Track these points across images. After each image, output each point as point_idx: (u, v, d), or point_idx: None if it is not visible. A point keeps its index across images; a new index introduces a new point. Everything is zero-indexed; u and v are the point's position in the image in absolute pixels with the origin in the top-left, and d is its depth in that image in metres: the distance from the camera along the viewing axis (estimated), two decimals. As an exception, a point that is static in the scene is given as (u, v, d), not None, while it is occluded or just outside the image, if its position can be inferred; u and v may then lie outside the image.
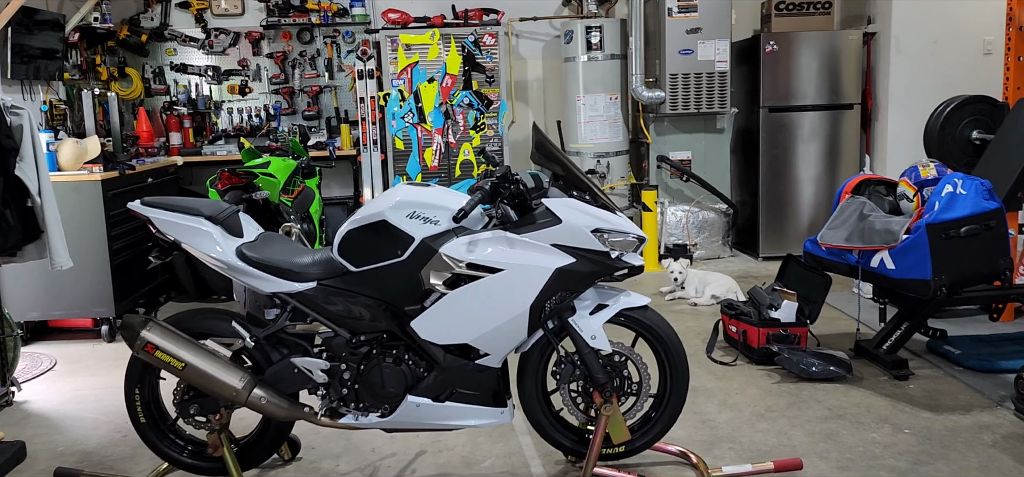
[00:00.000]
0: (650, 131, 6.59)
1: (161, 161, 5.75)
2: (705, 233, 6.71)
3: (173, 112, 6.49)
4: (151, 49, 6.66)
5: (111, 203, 4.84)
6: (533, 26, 6.95)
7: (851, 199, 4.03)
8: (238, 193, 4.57)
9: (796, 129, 6.49)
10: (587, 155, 6.60)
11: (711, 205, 6.68)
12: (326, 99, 6.86)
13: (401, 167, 6.51)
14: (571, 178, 2.81)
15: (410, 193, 2.71)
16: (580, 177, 2.82)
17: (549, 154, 2.88)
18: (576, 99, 6.57)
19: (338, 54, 6.80)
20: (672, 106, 6.38)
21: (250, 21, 6.71)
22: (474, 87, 6.47)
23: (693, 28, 6.30)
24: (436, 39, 6.40)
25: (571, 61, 6.58)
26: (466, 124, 6.50)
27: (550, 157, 2.88)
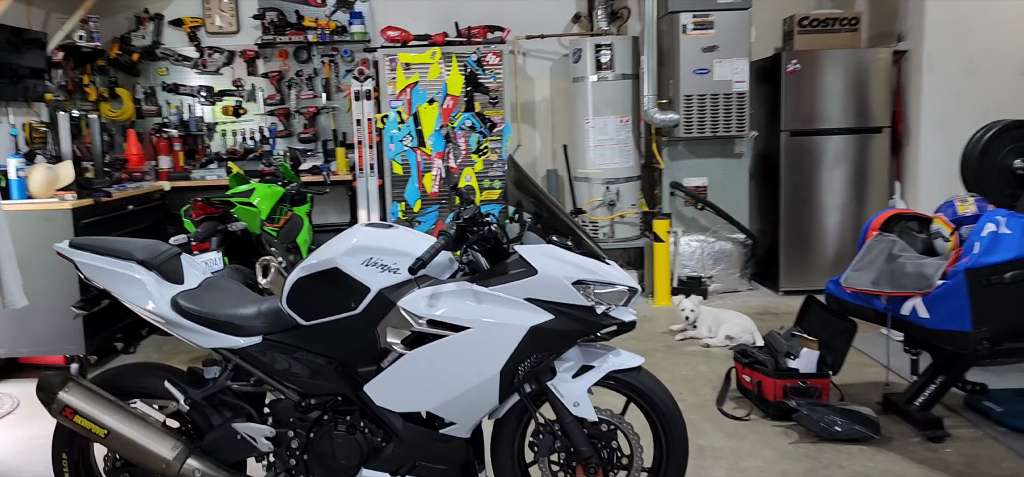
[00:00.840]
0: (663, 156, 6.21)
1: (145, 187, 5.47)
2: (721, 265, 6.30)
3: (163, 134, 6.23)
4: (143, 69, 6.42)
5: (83, 233, 4.55)
6: (540, 44, 6.62)
7: (879, 237, 3.62)
8: (213, 224, 4.26)
9: (820, 154, 6.07)
10: (596, 181, 6.23)
11: (728, 235, 6.27)
12: (323, 121, 6.56)
13: (399, 193, 6.18)
14: (552, 220, 2.44)
15: (367, 237, 2.36)
16: (562, 219, 2.46)
17: (528, 192, 2.52)
18: (584, 121, 6.21)
19: (336, 74, 6.51)
20: (687, 129, 6.00)
21: (245, 39, 6.45)
22: (477, 109, 6.13)
23: (709, 46, 5.92)
24: (437, 58, 6.08)
25: (580, 81, 6.23)
26: (468, 148, 6.16)
27: (529, 195, 2.51)
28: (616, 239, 6.30)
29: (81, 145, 5.48)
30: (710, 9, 5.88)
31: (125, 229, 5.03)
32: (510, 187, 2.63)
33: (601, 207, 6.25)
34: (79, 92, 6.02)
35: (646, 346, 5.04)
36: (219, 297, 2.48)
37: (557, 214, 2.47)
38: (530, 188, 2.55)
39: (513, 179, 2.62)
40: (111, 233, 4.88)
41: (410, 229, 2.50)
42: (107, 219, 4.82)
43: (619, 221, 6.27)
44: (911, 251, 3.49)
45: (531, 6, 6.55)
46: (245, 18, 6.44)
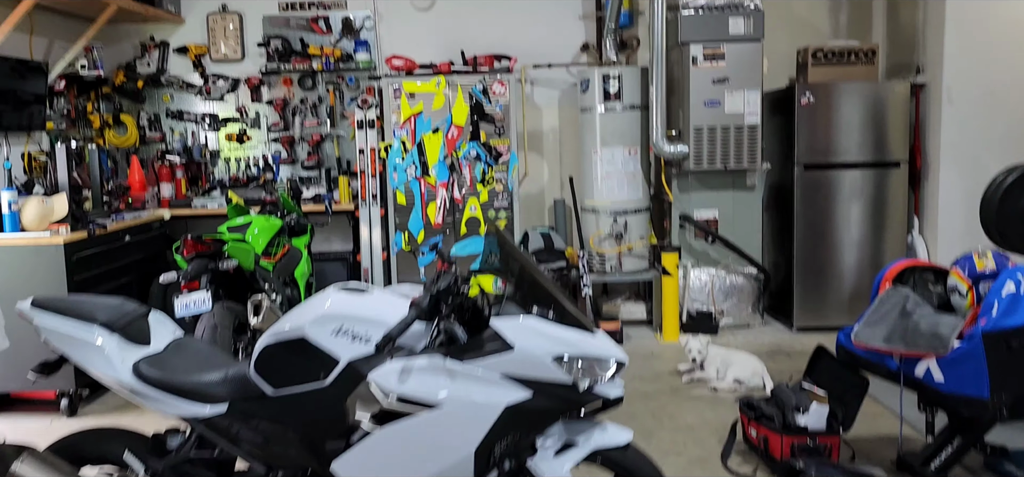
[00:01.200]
0: (672, 188, 6.05)
1: (144, 216, 5.40)
2: (732, 299, 6.12)
3: (165, 161, 6.17)
4: (147, 95, 6.37)
5: (76, 267, 4.48)
6: (549, 73, 6.49)
7: (892, 290, 3.44)
8: (203, 262, 4.16)
9: (836, 188, 5.88)
10: (604, 212, 6.08)
11: (740, 269, 6.09)
12: (328, 148, 6.48)
13: (402, 222, 6.07)
14: (533, 289, 2.30)
15: (338, 304, 2.24)
16: (545, 287, 2.31)
17: (506, 256, 2.38)
18: (592, 152, 6.07)
19: (341, 102, 6.42)
20: (696, 162, 5.84)
21: (250, 67, 6.38)
22: (482, 138, 6.02)
23: (720, 78, 5.76)
24: (441, 87, 5.98)
25: (588, 112, 6.09)
26: (473, 178, 6.04)
27: (507, 260, 2.37)
28: (624, 271, 6.15)
29: (82, 174, 5.43)
30: (721, 40, 5.73)
31: (121, 262, 4.96)
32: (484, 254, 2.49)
33: (608, 239, 6.10)
34: (83, 120, 5.98)
35: (652, 387, 4.88)
36: (186, 361, 2.37)
37: (539, 282, 2.33)
38: (508, 251, 2.41)
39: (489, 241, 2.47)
40: (107, 266, 4.81)
41: (386, 293, 2.37)
42: (102, 252, 4.75)
43: (627, 254, 6.12)
44: (926, 307, 3.31)
45: (539, 35, 6.43)
46: (250, 46, 6.37)
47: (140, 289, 5.12)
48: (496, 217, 6.11)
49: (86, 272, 4.55)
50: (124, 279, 5.00)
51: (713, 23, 5.74)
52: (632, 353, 5.58)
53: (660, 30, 5.70)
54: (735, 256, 6.02)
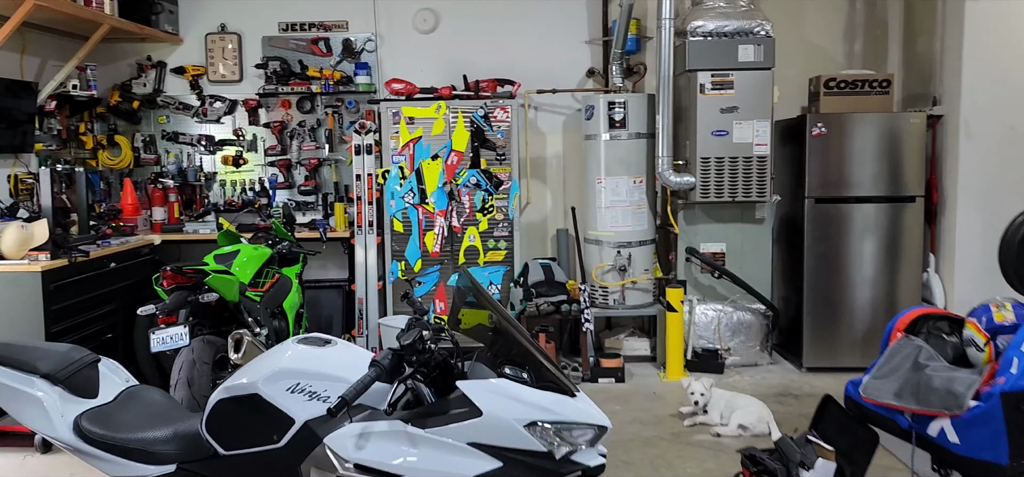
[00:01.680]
0: (678, 220, 5.85)
1: (132, 242, 5.26)
2: (740, 336, 5.90)
3: (159, 184, 6.04)
4: (143, 116, 6.25)
5: (53, 296, 4.34)
6: (553, 98, 6.33)
7: (904, 340, 3.22)
8: (183, 295, 4.01)
9: (848, 222, 5.66)
10: (607, 244, 5.88)
11: (748, 305, 5.87)
12: (326, 173, 6.33)
13: (399, 251, 5.90)
14: (507, 344, 2.12)
15: (295, 359, 2.06)
16: (519, 340, 2.12)
17: (478, 307, 2.20)
18: (596, 181, 5.88)
19: (340, 125, 6.28)
20: (703, 193, 5.64)
21: (248, 88, 6.26)
22: (482, 165, 5.85)
23: (729, 107, 5.57)
24: (442, 112, 5.83)
25: (592, 139, 5.91)
26: (472, 206, 5.87)
27: (478, 311, 2.19)
28: (627, 306, 5.94)
29: (71, 197, 5.30)
30: (730, 68, 5.54)
31: (104, 290, 4.82)
32: (452, 306, 2.31)
33: (611, 272, 5.89)
34: (75, 141, 5.87)
35: (652, 431, 4.67)
36: (134, 415, 2.20)
37: (514, 336, 2.14)
38: (482, 301, 2.23)
39: (458, 290, 2.29)
40: (88, 294, 4.67)
41: (350, 346, 2.19)
42: (83, 280, 4.61)
43: (631, 287, 5.91)
44: (940, 360, 3.09)
45: (544, 59, 6.28)
46: (248, 67, 6.25)
47: (126, 319, 4.96)
48: (496, 247, 5.94)
49: (65, 301, 4.41)
50: (107, 308, 4.85)
51: (722, 50, 5.56)
52: (633, 392, 5.37)
53: (667, 57, 5.52)
54: (743, 292, 5.81)
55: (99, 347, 4.76)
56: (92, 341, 4.71)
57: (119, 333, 4.93)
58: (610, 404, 5.12)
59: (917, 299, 5.69)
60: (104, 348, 4.82)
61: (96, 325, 4.73)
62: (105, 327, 4.81)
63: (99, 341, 4.80)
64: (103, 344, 4.83)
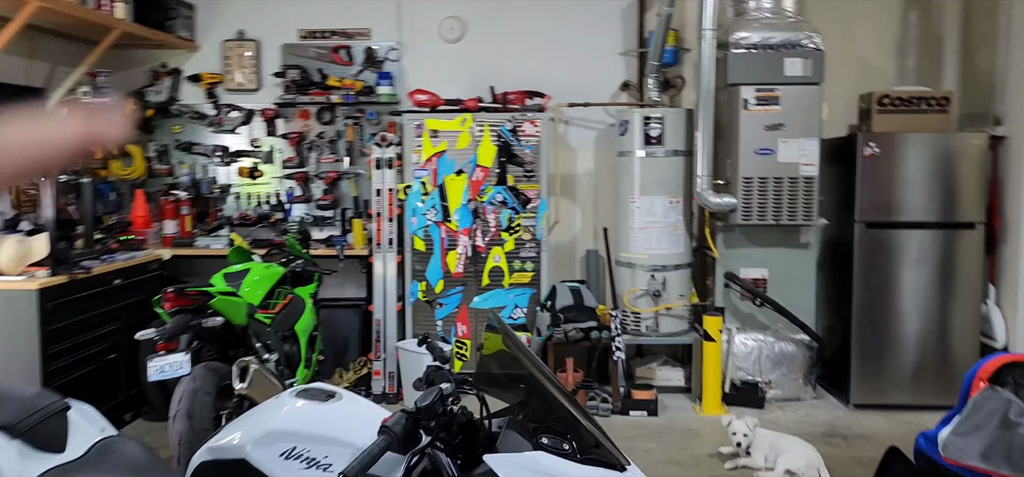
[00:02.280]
0: (717, 243, 5.48)
1: (139, 257, 4.99)
2: (782, 368, 5.51)
3: (171, 196, 5.78)
4: (157, 125, 6.00)
5: (51, 316, 4.07)
6: (585, 112, 5.99)
7: (989, 392, 2.84)
8: (185, 319, 3.71)
9: (900, 249, 5.27)
10: (640, 267, 5.53)
11: (791, 335, 5.49)
12: (344, 187, 6.04)
13: (420, 270, 5.59)
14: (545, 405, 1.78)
15: (293, 418, 1.75)
16: (559, 401, 1.79)
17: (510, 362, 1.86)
18: (629, 200, 5.54)
19: (361, 137, 5.99)
20: (745, 215, 5.27)
21: (266, 98, 5.99)
22: (509, 182, 5.53)
23: (774, 124, 5.21)
24: (467, 125, 5.52)
25: (626, 156, 5.57)
26: (498, 225, 5.55)
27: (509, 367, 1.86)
28: (661, 333, 5.58)
29: (80, 209, 5.05)
30: (776, 82, 5.18)
31: (106, 308, 4.54)
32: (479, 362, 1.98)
33: (644, 297, 5.54)
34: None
35: (689, 473, 4.30)
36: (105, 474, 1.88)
37: (553, 396, 1.80)
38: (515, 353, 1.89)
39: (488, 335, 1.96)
40: (88, 313, 4.40)
41: (356, 399, 1.86)
42: (84, 298, 4.34)
43: (665, 313, 5.55)
44: (1033, 416, 2.71)
45: (576, 71, 5.95)
46: (267, 75, 5.98)
47: (131, 339, 4.66)
48: (522, 268, 5.60)
49: (64, 320, 4.14)
50: (110, 327, 4.58)
51: (767, 63, 5.20)
52: (668, 428, 5.01)
53: (708, 69, 5.18)
54: (785, 321, 5.42)
55: (101, 369, 4.52)
56: (93, 362, 4.45)
57: (123, 353, 4.65)
58: (643, 441, 4.76)
59: (975, 334, 5.28)
60: (106, 370, 4.56)
61: (97, 346, 4.45)
62: (107, 348, 4.54)
63: (101, 362, 4.53)
64: (105, 366, 4.56)
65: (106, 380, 4.59)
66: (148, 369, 3.54)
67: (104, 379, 4.57)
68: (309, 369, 4.75)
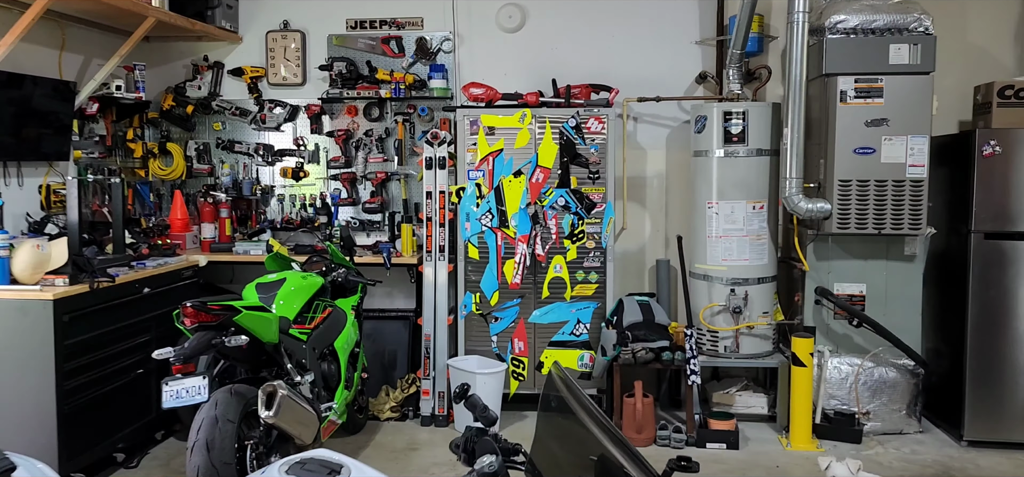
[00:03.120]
0: (807, 254, 4.86)
1: (172, 263, 4.62)
2: (881, 397, 4.85)
3: (209, 198, 5.42)
4: (198, 122, 5.66)
5: (68, 329, 3.71)
6: (656, 108, 5.42)
7: None
8: (206, 336, 3.29)
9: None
10: (718, 280, 4.93)
11: (892, 359, 4.83)
12: (393, 189, 5.60)
13: (475, 281, 5.10)
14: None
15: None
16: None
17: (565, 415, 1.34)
18: (706, 205, 4.95)
19: (411, 135, 5.54)
20: (841, 223, 4.64)
21: (311, 92, 5.60)
22: (572, 184, 5.00)
23: (876, 119, 4.56)
24: (527, 122, 5.01)
25: (702, 156, 4.99)
26: (560, 232, 5.03)
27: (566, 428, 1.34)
28: (741, 355, 4.97)
29: (113, 210, 4.71)
30: (879, 72, 4.55)
31: (132, 321, 4.18)
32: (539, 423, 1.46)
33: (723, 314, 4.94)
34: (122, 148, 5.31)
35: (780, 524, 3.71)
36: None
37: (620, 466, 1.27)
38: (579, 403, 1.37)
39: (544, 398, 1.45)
40: (112, 326, 4.04)
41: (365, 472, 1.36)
42: (107, 309, 3.97)
43: (746, 333, 4.94)
44: None
45: (646, 62, 5.39)
46: (312, 69, 5.59)
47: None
48: (585, 279, 5.07)
49: (83, 334, 3.78)
50: (137, 341, 4.21)
51: (869, 50, 4.57)
52: (751, 464, 4.42)
53: (799, 58, 4.56)
54: (887, 344, 4.76)
55: (127, 386, 4.15)
56: (118, 379, 4.08)
57: (153, 368, 4.27)
58: (724, 481, 4.18)
59: (1115, 362, 4.54)
60: (133, 387, 4.20)
61: (122, 361, 4.09)
62: (134, 363, 4.17)
63: (128, 378, 4.17)
64: (132, 383, 4.20)
65: (133, 397, 4.22)
66: (162, 394, 3.13)
67: (131, 396, 4.21)
68: (349, 390, 4.30)
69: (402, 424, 5.05)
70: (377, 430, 4.92)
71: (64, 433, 3.69)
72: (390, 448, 4.65)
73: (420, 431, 4.93)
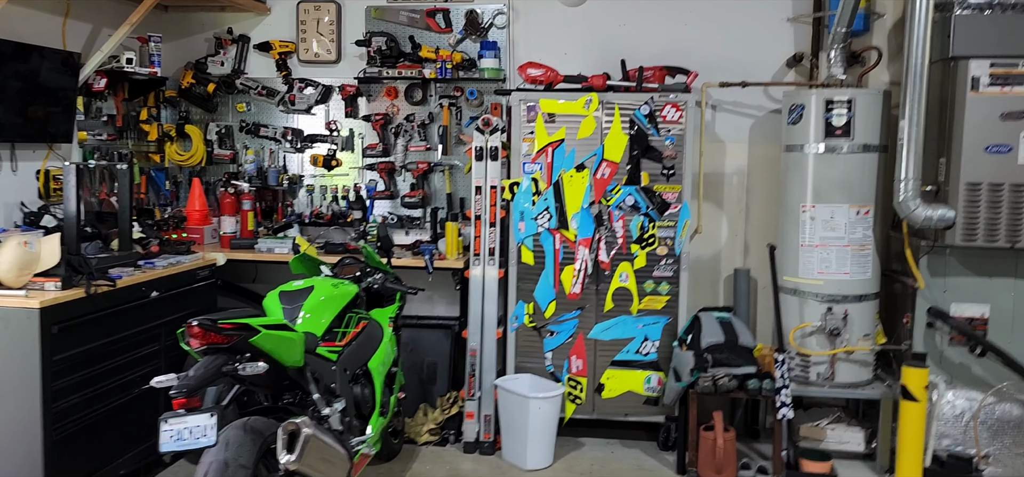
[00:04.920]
0: (921, 269, 4.14)
1: (185, 263, 4.03)
2: (1004, 439, 4.14)
3: (231, 188, 4.84)
4: (220, 102, 5.08)
5: (58, 342, 3.13)
6: (739, 95, 4.73)
7: None
8: (216, 362, 2.68)
9: None
10: (811, 296, 4.24)
11: (1018, 396, 4.11)
12: (437, 182, 4.98)
13: (528, 289, 4.46)
14: None
15: None
16: None
17: None
18: (800, 208, 4.25)
19: (458, 121, 4.91)
20: (967, 234, 3.93)
21: (347, 71, 4.99)
22: (644, 181, 4.34)
23: (1014, 112, 3.84)
24: (593, 108, 4.35)
25: (796, 151, 4.28)
26: (627, 235, 4.37)
27: None
28: (837, 383, 4.27)
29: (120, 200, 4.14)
30: (1020, 55, 3.81)
31: (134, 331, 3.59)
32: None
33: (816, 335, 4.25)
34: (134, 129, 4.75)
35: None
36: None
37: None
38: None
39: None
40: (115, 336, 3.48)
41: None
42: (104, 318, 3.39)
43: (843, 358, 4.24)
44: None
45: (729, 42, 4.71)
46: (348, 44, 4.98)
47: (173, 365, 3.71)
48: (655, 290, 4.41)
49: (75, 347, 3.21)
50: (140, 353, 3.63)
51: (1008, 28, 3.85)
52: (860, 521, 3.72)
53: (920, 37, 3.83)
54: (1017, 376, 4.04)
55: (131, 404, 3.57)
56: (119, 396, 3.51)
57: (162, 382, 3.68)
58: (829, 541, 3.50)
59: None
60: (139, 405, 3.62)
61: (123, 375, 3.52)
62: (138, 378, 3.59)
63: (132, 395, 3.59)
64: (137, 400, 3.62)
65: (137, 416, 3.65)
66: (160, 434, 2.53)
67: (135, 415, 3.63)
68: (385, 417, 3.68)
69: (442, 450, 4.44)
70: (414, 457, 4.31)
71: (53, 464, 3.12)
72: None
73: (463, 460, 4.32)
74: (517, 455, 4.24)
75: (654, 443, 4.53)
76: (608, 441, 4.58)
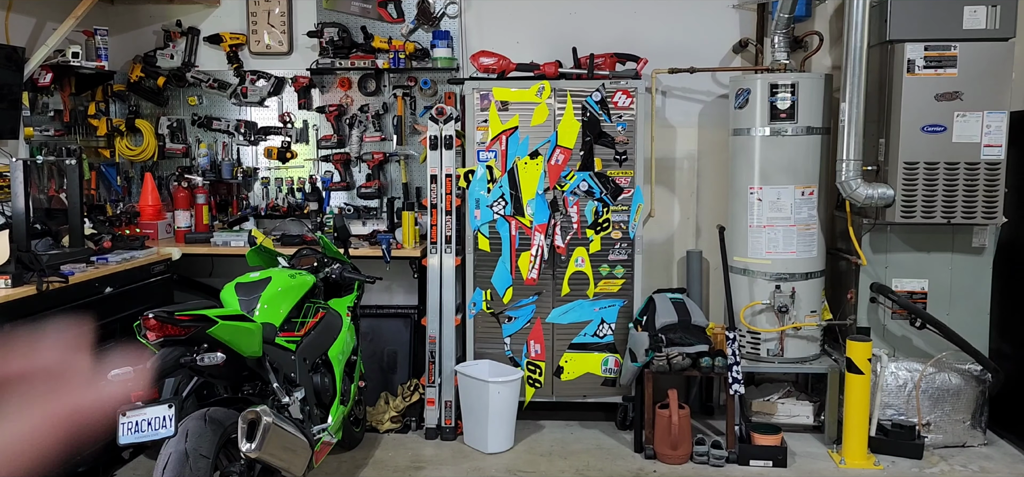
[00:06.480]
0: (863, 246, 4.30)
1: (139, 257, 4.00)
2: (944, 407, 4.32)
3: (184, 182, 4.80)
4: (171, 96, 5.03)
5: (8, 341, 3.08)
6: (688, 81, 4.84)
7: None
8: (173, 354, 2.70)
9: (1112, 258, 4.03)
10: (760, 275, 4.37)
11: (956, 365, 4.30)
12: (392, 172, 4.99)
13: (485, 276, 4.52)
14: None
15: None
16: None
17: None
18: (748, 190, 4.38)
19: (412, 111, 4.94)
20: (905, 211, 4.09)
21: (299, 63, 4.97)
22: (597, 167, 4.42)
23: (948, 92, 4.00)
24: (545, 96, 4.41)
25: (743, 134, 4.41)
26: (582, 220, 4.45)
27: None
28: (786, 359, 4.42)
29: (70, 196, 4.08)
30: (952, 38, 3.98)
31: (95, 324, 3.55)
32: None
33: (766, 313, 4.39)
34: (82, 125, 4.67)
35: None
36: None
37: None
38: None
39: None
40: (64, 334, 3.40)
41: None
42: (58, 314, 3.35)
43: (792, 334, 4.39)
44: None
45: (677, 29, 4.80)
46: (300, 36, 4.96)
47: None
48: (611, 274, 4.50)
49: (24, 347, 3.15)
50: (100, 349, 3.58)
51: (940, 13, 4.01)
52: (808, 490, 3.87)
53: (859, 21, 3.98)
54: (953, 347, 4.22)
55: (84, 402, 3.53)
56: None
57: (118, 378, 3.65)
58: (780, 510, 3.63)
59: None
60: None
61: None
62: (94, 375, 3.54)
63: (87, 392, 3.54)
64: (92, 397, 3.58)
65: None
66: (118, 427, 2.53)
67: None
68: (346, 405, 3.71)
69: (404, 437, 4.48)
70: (376, 444, 4.34)
71: (6, 464, 3.07)
72: (392, 467, 4.08)
73: (425, 446, 4.37)
74: (478, 439, 4.30)
75: (612, 423, 4.63)
76: (568, 423, 4.66)
